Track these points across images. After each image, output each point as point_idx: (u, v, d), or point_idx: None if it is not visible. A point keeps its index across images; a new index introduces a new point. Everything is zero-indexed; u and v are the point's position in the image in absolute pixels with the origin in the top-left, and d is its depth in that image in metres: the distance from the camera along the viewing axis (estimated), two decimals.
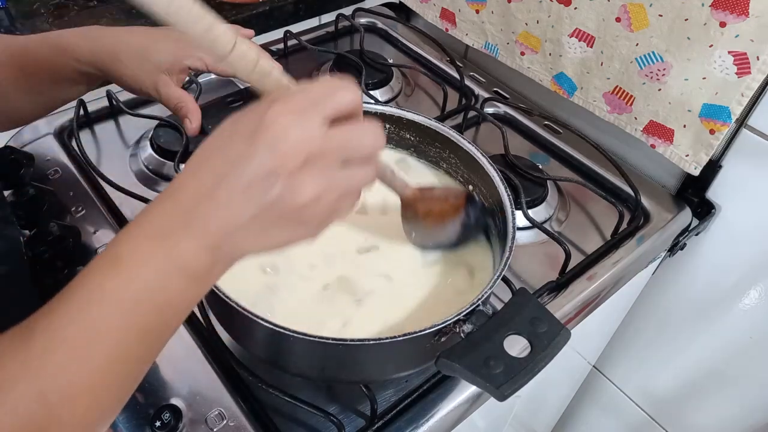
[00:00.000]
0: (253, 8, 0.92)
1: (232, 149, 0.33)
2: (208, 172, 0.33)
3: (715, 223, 0.80)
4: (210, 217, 0.33)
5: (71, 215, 0.68)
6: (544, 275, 0.68)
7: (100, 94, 0.81)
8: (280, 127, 0.32)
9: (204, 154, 0.34)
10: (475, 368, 0.41)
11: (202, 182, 0.33)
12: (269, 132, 0.32)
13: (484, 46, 0.93)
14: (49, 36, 0.56)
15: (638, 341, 1.00)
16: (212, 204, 0.33)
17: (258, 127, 0.32)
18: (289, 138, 0.32)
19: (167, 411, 0.52)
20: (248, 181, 0.32)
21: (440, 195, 0.55)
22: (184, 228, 0.33)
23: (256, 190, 0.32)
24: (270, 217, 0.33)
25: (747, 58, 0.64)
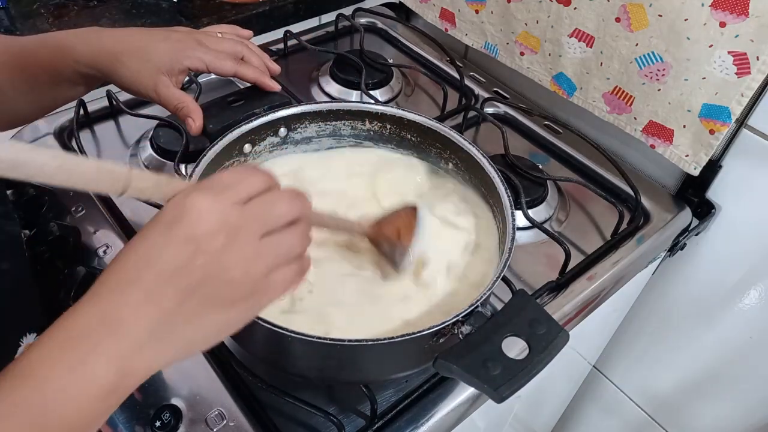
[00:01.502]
0: (253, 8, 0.93)
1: (149, 243, 0.33)
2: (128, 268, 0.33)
3: (715, 223, 0.80)
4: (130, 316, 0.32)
5: (71, 215, 0.68)
6: (544, 275, 0.68)
7: (100, 94, 0.81)
8: (196, 211, 0.33)
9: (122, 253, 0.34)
10: (473, 370, 0.41)
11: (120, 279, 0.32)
12: (186, 218, 0.33)
13: (484, 46, 0.93)
14: (49, 37, 0.56)
15: (638, 341, 1.00)
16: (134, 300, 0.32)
17: (178, 214, 0.33)
18: (206, 220, 0.33)
19: (167, 411, 0.52)
20: (173, 266, 0.32)
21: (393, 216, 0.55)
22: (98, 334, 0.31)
23: (182, 274, 0.32)
24: (197, 302, 0.33)
25: (747, 58, 0.63)
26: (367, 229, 0.54)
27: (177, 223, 0.33)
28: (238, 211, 0.34)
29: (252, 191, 0.36)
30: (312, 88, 0.91)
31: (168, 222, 0.33)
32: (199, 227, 0.33)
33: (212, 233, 0.33)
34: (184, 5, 0.92)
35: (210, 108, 0.59)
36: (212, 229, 0.33)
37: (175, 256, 0.32)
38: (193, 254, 0.32)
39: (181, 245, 0.32)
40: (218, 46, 0.59)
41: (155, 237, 0.33)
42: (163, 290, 0.32)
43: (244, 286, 0.34)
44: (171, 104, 0.56)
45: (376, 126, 0.65)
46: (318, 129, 0.64)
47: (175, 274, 0.32)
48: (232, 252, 0.33)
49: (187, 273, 0.32)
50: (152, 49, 0.55)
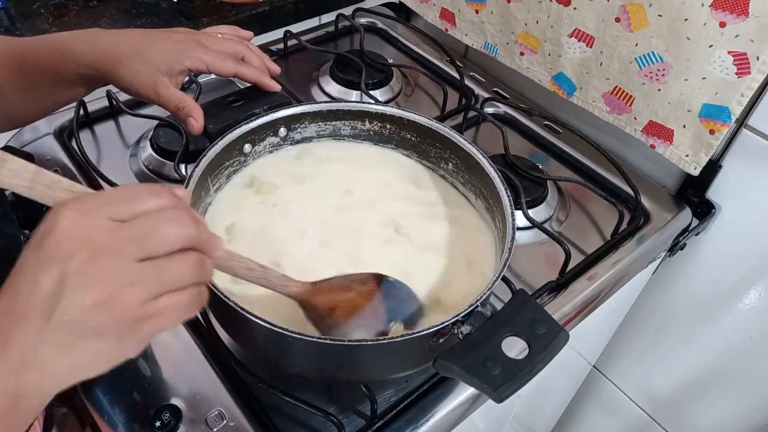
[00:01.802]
0: (253, 8, 0.93)
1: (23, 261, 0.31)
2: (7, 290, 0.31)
3: (715, 223, 0.80)
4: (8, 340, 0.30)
5: None
6: (544, 275, 0.68)
7: (100, 94, 0.80)
8: (63, 227, 0.30)
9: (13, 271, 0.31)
10: (472, 370, 0.41)
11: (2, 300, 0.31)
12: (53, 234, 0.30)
13: (484, 46, 0.93)
14: (49, 38, 0.56)
15: (638, 341, 1.00)
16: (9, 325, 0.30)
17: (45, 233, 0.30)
18: (71, 236, 0.30)
19: (167, 411, 0.52)
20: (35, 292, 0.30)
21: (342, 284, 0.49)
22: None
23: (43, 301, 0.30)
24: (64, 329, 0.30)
25: (747, 58, 0.63)
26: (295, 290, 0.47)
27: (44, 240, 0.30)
28: (107, 230, 0.31)
29: (137, 211, 0.32)
30: (312, 88, 0.91)
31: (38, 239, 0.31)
32: (60, 247, 0.30)
33: (72, 253, 0.30)
34: (184, 5, 0.92)
35: (210, 108, 0.59)
36: (72, 249, 0.30)
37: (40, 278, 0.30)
38: (57, 277, 0.30)
39: (44, 267, 0.30)
40: (218, 46, 0.59)
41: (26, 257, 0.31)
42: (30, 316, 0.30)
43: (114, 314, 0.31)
44: (171, 104, 0.56)
45: (376, 126, 0.65)
46: (318, 129, 0.64)
47: (41, 299, 0.30)
48: (95, 275, 0.30)
49: (51, 297, 0.30)
50: (152, 50, 0.55)
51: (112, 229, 0.31)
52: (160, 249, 0.32)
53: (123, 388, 0.54)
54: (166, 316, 0.33)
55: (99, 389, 0.54)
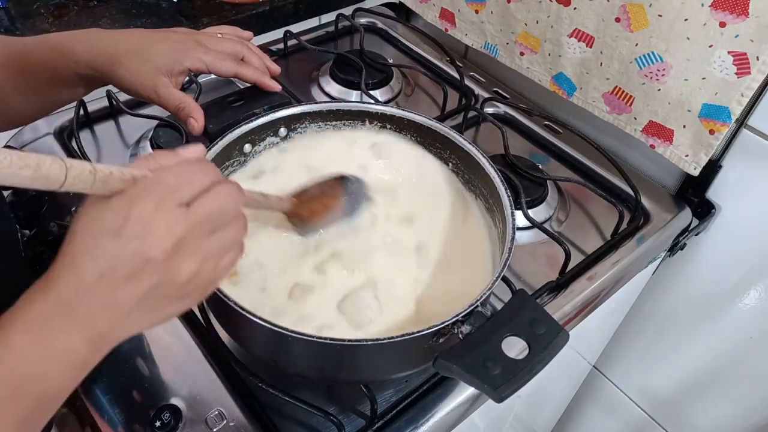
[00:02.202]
0: (253, 8, 0.93)
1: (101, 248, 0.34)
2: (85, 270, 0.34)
3: (715, 223, 0.80)
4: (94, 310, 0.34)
5: (71, 215, 0.68)
6: (544, 275, 0.68)
7: (100, 94, 0.80)
8: (142, 221, 0.34)
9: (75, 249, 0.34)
10: (472, 369, 0.41)
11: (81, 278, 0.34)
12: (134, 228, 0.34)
13: (484, 46, 0.93)
14: (49, 38, 0.56)
15: (638, 341, 1.00)
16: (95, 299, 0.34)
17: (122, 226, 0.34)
18: (155, 229, 0.34)
19: (167, 411, 0.52)
20: (126, 274, 0.34)
21: (316, 192, 0.57)
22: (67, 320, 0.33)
23: (135, 282, 0.34)
24: (153, 300, 0.35)
25: (747, 58, 0.63)
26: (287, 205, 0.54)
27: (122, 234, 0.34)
28: (183, 217, 0.35)
29: (195, 191, 0.37)
30: (312, 88, 0.91)
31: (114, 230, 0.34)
32: (146, 239, 0.34)
33: (160, 244, 0.34)
34: (184, 5, 0.92)
35: (210, 108, 0.59)
36: (159, 239, 0.34)
37: (126, 266, 0.34)
38: (144, 264, 0.34)
39: (130, 257, 0.34)
40: (218, 46, 0.59)
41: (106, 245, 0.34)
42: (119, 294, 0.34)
43: (194, 283, 0.37)
44: (172, 105, 0.56)
45: (377, 126, 0.65)
46: (318, 129, 0.64)
47: (129, 281, 0.34)
48: (181, 258, 0.35)
49: (140, 280, 0.34)
50: (152, 50, 0.55)
51: (184, 218, 0.35)
52: (222, 223, 0.38)
53: (123, 388, 0.54)
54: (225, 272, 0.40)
55: (99, 389, 0.54)
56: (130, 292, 0.34)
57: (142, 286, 0.34)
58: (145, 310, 0.36)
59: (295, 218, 0.56)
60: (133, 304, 0.35)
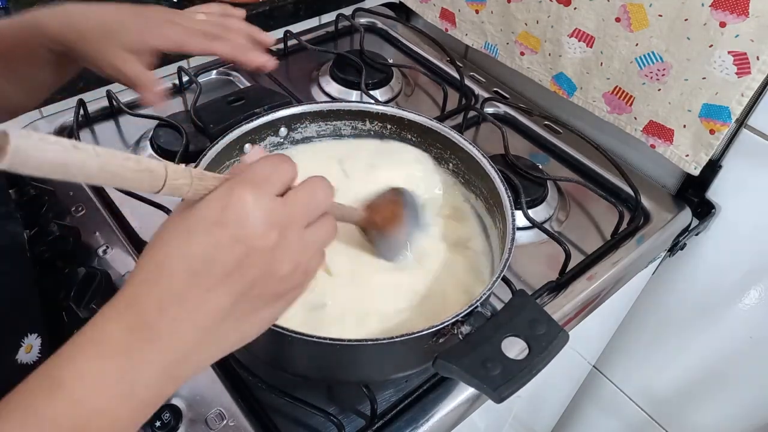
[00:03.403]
0: (253, 8, 0.92)
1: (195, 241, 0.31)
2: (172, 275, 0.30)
3: (715, 223, 0.80)
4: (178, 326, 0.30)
5: (71, 215, 0.68)
6: (544, 275, 0.68)
7: (100, 94, 0.81)
8: (245, 206, 0.31)
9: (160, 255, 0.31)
10: (472, 370, 0.41)
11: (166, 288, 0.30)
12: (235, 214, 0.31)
13: (484, 46, 0.93)
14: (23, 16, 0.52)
15: (638, 341, 1.00)
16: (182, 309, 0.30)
17: (222, 213, 0.31)
18: (253, 218, 0.31)
19: (167, 411, 0.52)
20: (223, 268, 0.31)
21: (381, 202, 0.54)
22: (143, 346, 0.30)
23: (234, 276, 0.31)
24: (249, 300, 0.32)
25: (747, 58, 0.63)
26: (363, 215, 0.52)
27: (223, 222, 0.31)
28: (283, 206, 0.33)
29: (286, 181, 0.35)
30: (312, 88, 0.91)
31: (213, 221, 0.31)
32: (248, 227, 0.31)
33: (263, 232, 0.31)
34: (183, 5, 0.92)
35: (210, 108, 0.59)
36: (262, 227, 0.31)
37: (225, 258, 0.31)
38: (245, 255, 0.31)
39: (230, 246, 0.31)
40: (191, 23, 0.55)
41: (201, 237, 0.31)
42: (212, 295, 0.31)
43: (293, 279, 0.34)
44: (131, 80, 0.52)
45: (377, 126, 0.65)
46: (318, 129, 0.64)
47: (228, 277, 0.31)
48: (283, 249, 0.33)
49: (240, 275, 0.31)
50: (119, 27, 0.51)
51: (284, 205, 0.33)
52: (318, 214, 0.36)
53: None
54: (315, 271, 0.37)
55: None
56: (226, 291, 0.31)
57: (240, 281, 0.31)
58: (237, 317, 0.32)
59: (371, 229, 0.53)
60: (226, 307, 0.31)
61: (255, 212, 0.31)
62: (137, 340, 0.30)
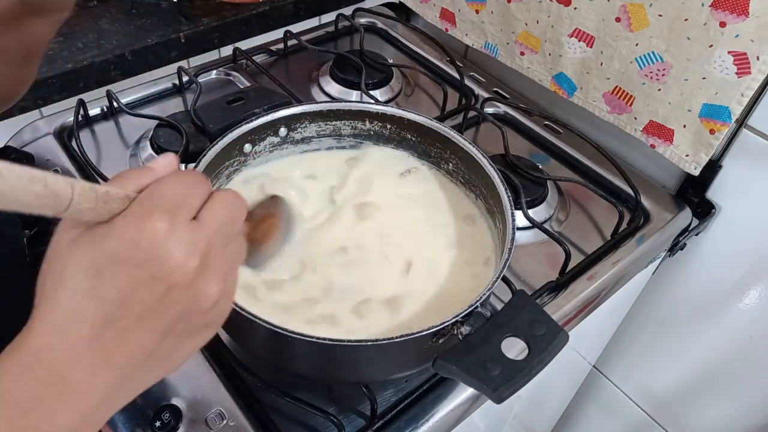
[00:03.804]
0: (253, 8, 0.92)
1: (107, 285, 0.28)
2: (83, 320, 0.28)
3: (715, 223, 0.80)
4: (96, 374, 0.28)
5: None
6: (544, 275, 0.68)
7: (100, 94, 0.81)
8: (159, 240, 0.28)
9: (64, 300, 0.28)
10: (472, 370, 0.41)
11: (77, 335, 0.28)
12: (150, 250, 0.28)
13: (484, 46, 0.93)
14: None
15: (638, 341, 1.00)
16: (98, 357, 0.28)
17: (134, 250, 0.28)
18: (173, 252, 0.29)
19: (167, 411, 0.52)
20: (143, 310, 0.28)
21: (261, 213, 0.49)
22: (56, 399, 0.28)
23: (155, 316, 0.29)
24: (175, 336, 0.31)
25: (747, 58, 0.63)
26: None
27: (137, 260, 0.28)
28: (200, 231, 0.30)
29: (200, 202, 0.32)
30: (312, 88, 0.91)
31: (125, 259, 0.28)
32: (165, 262, 0.28)
33: (182, 265, 0.29)
34: (183, 5, 0.92)
35: (210, 108, 0.59)
36: (180, 261, 0.29)
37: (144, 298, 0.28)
38: (165, 292, 0.29)
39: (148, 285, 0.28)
40: None
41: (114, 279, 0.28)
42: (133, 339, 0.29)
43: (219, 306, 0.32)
44: None
45: (377, 126, 0.65)
46: (318, 129, 0.64)
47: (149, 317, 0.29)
48: (206, 278, 0.30)
49: (162, 313, 0.29)
50: None
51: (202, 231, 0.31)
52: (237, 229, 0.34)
53: None
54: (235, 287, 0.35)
55: None
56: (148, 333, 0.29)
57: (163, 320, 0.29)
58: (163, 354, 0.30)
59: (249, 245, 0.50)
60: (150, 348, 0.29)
61: (171, 245, 0.29)
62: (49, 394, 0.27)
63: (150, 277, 0.28)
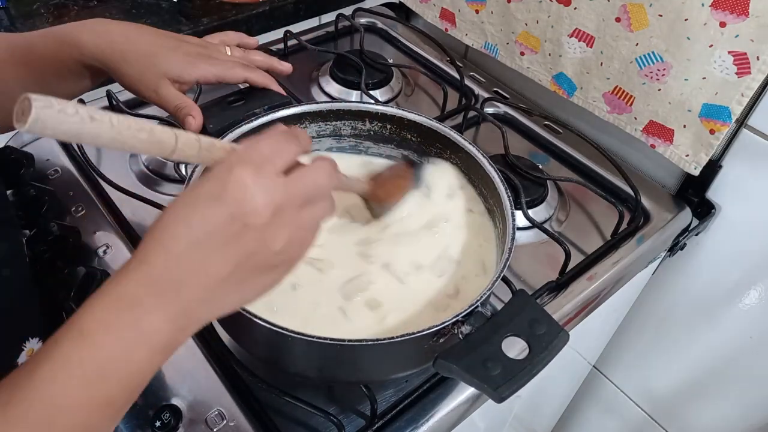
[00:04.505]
0: (253, 8, 0.93)
1: (198, 214, 0.34)
2: (177, 239, 0.34)
3: (715, 223, 0.80)
4: (183, 283, 0.33)
5: (71, 215, 0.68)
6: (544, 275, 0.68)
7: (100, 94, 0.81)
8: (243, 186, 0.34)
9: (167, 222, 0.34)
10: (473, 370, 0.41)
11: (172, 249, 0.33)
12: (233, 193, 0.34)
13: (484, 46, 0.93)
14: (54, 30, 0.55)
15: (638, 341, 1.00)
16: (185, 270, 0.33)
17: (222, 191, 0.34)
18: (254, 196, 0.34)
19: (167, 411, 0.52)
20: (222, 240, 0.34)
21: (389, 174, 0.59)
22: (154, 297, 0.33)
23: (231, 248, 0.34)
24: (245, 270, 0.35)
25: (747, 58, 0.63)
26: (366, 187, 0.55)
27: (222, 199, 0.34)
28: (281, 187, 0.35)
29: (289, 160, 0.37)
30: (312, 88, 0.91)
31: (214, 195, 0.34)
32: (243, 205, 0.34)
33: (257, 211, 0.34)
34: (184, 5, 0.92)
35: (210, 108, 0.59)
36: (257, 207, 0.34)
37: (223, 232, 0.34)
38: (241, 230, 0.34)
39: (227, 222, 0.34)
40: (225, 57, 0.60)
41: (203, 210, 0.34)
42: (213, 262, 0.34)
43: (287, 253, 0.37)
44: (171, 105, 0.56)
45: (377, 126, 0.65)
46: (318, 129, 0.64)
47: (225, 248, 0.34)
48: (277, 227, 0.35)
49: (237, 247, 0.34)
50: (162, 57, 0.55)
51: (282, 187, 0.36)
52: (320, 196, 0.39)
53: None
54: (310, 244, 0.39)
55: None
56: (224, 260, 0.34)
57: (237, 252, 0.34)
58: (236, 282, 0.35)
59: (372, 201, 0.57)
60: (225, 273, 0.34)
61: (251, 192, 0.34)
62: (146, 294, 0.33)
63: (229, 215, 0.34)
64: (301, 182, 0.37)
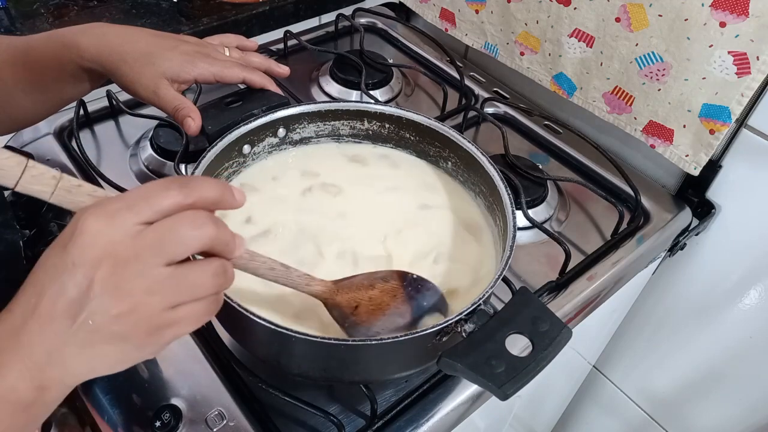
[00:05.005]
0: (253, 8, 0.92)
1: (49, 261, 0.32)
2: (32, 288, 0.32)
3: (715, 223, 0.80)
4: (33, 337, 0.31)
5: (71, 215, 0.68)
6: (544, 275, 0.68)
7: (100, 94, 0.80)
8: (89, 234, 0.31)
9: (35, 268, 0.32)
10: (477, 367, 0.41)
11: (28, 300, 0.32)
12: (79, 240, 0.31)
13: (484, 46, 0.93)
14: (54, 33, 0.56)
15: (638, 341, 1.00)
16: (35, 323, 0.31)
17: (70, 238, 0.31)
18: (96, 243, 0.31)
19: (167, 411, 0.52)
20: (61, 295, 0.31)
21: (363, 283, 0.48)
22: (9, 352, 0.31)
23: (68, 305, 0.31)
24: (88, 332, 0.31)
25: (747, 58, 0.64)
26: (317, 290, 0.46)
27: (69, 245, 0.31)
28: (130, 236, 0.31)
29: (156, 209, 0.32)
30: (312, 88, 0.91)
31: (61, 243, 0.31)
32: (85, 254, 0.31)
33: (96, 263, 0.31)
34: (184, 5, 0.92)
35: (209, 109, 0.59)
36: (96, 258, 0.31)
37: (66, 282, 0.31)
38: (82, 283, 0.31)
39: (70, 272, 0.31)
40: (223, 57, 0.60)
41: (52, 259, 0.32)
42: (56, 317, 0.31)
43: (137, 322, 0.32)
44: (170, 106, 0.55)
45: (375, 125, 0.64)
46: (317, 129, 0.64)
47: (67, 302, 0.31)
48: (119, 284, 0.31)
49: (76, 302, 0.31)
50: (161, 57, 0.55)
51: (133, 235, 0.31)
52: (179, 252, 0.32)
53: (123, 388, 0.54)
54: (185, 323, 0.34)
55: (99, 389, 0.54)
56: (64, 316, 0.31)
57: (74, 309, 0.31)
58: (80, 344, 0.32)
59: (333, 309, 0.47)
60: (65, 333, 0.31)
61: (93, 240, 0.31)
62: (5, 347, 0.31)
63: (73, 264, 0.31)
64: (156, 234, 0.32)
